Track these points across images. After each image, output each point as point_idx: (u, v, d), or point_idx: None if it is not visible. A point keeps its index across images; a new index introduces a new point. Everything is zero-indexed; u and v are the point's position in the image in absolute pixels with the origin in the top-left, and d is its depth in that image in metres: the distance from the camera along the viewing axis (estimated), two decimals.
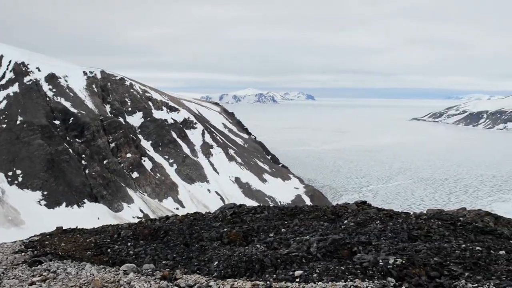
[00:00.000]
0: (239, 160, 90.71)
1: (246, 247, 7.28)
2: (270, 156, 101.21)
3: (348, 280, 5.51)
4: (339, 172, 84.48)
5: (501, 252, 6.89)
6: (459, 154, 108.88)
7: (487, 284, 5.24)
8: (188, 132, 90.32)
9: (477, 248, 6.93)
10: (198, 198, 73.19)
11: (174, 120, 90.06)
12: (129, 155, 74.54)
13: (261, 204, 13.47)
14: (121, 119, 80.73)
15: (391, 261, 6.04)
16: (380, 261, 6.07)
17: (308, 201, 70.97)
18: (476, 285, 5.19)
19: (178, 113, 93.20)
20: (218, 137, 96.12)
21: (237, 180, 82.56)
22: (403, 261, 6.00)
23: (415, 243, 7.35)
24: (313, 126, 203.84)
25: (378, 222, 8.88)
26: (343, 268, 5.97)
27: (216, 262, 6.48)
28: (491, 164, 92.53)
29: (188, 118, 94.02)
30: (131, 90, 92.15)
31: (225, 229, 8.46)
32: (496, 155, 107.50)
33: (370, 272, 5.87)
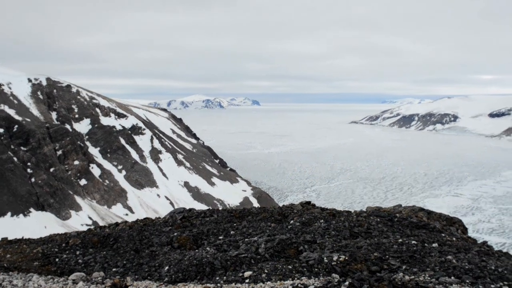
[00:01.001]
0: (187, 164, 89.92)
1: (196, 250, 7.24)
2: (218, 160, 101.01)
3: (295, 278, 5.64)
4: (284, 174, 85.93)
5: (434, 245, 7.36)
6: (394, 154, 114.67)
7: (423, 275, 5.58)
8: (136, 138, 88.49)
9: (413, 242, 7.36)
10: (147, 204, 71.50)
11: (123, 126, 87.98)
12: (76, 162, 71.59)
13: (210, 208, 13.42)
14: (68, 126, 77.55)
15: (335, 258, 6.25)
16: (325, 258, 6.27)
17: (255, 203, 71.61)
18: (413, 276, 5.46)
19: (126, 119, 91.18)
20: (166, 143, 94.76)
21: (186, 185, 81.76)
22: (346, 258, 6.23)
23: (356, 239, 7.66)
24: (259, 130, 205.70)
25: (322, 221, 9.15)
26: (290, 267, 6.10)
27: (167, 267, 6.40)
28: (422, 162, 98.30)
29: (137, 124, 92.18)
30: (78, 97, 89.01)
31: (175, 234, 8.36)
32: (427, 154, 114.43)
33: (316, 269, 6.04)
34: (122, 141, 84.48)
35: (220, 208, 12.09)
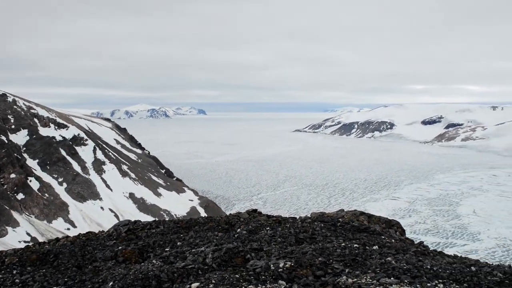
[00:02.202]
0: (132, 175, 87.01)
1: (142, 264, 7.03)
2: (164, 170, 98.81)
3: (243, 287, 5.65)
4: (231, 182, 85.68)
5: (374, 247, 7.68)
6: (336, 160, 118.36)
7: (365, 277, 5.80)
8: (78, 149, 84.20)
9: (355, 245, 7.63)
10: (91, 217, 68.12)
11: (63, 137, 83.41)
12: (13, 175, 66.73)
13: (157, 219, 13.09)
14: (3, 138, 72.21)
15: (281, 265, 6.32)
16: (271, 265, 6.32)
17: (203, 212, 70.71)
18: (355, 279, 5.65)
19: (67, 130, 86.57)
20: (110, 153, 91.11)
21: (132, 196, 78.99)
22: (292, 264, 6.32)
23: (302, 245, 7.82)
24: (205, 139, 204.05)
25: (268, 228, 9.25)
26: (237, 276, 6.09)
27: (111, 283, 6.14)
28: (363, 168, 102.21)
29: (78, 134, 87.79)
30: (14, 106, 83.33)
31: (120, 247, 8.06)
32: (367, 160, 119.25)
33: (263, 277, 6.07)
34: (63, 153, 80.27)
35: (167, 219, 11.83)
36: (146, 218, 62.15)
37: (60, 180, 74.66)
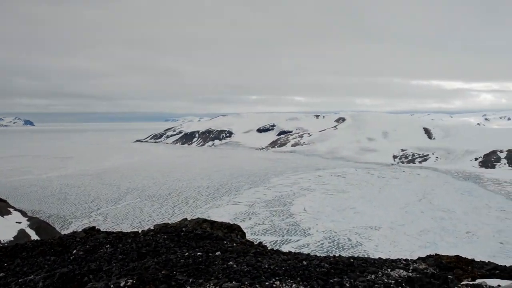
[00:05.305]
0: None
1: None
2: None
3: None
4: (66, 199, 77.61)
5: (217, 253, 7.85)
6: (179, 170, 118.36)
7: (208, 285, 5.88)
8: None
9: (198, 253, 7.69)
10: None
11: None
12: None
13: None
14: None
15: (122, 284, 5.98)
16: (112, 285, 5.95)
17: (34, 235, 62.09)
18: None
19: None
20: None
21: None
22: (134, 281, 6.04)
23: (144, 260, 7.54)
24: (34, 153, 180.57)
25: (108, 246, 8.71)
26: None
27: None
28: (205, 176, 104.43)
29: None
30: None
31: None
32: (208, 168, 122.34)
33: None
34: None
35: None
36: None
37: None
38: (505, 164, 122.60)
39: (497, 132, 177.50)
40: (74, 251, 8.50)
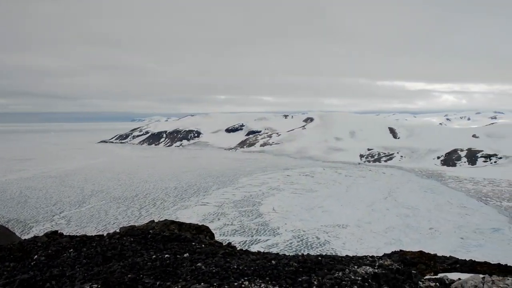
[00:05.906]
0: None
1: None
2: None
3: None
4: (26, 202, 74.71)
5: (185, 255, 7.76)
6: (145, 171, 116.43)
7: (176, 287, 5.79)
8: None
9: (166, 255, 7.57)
10: None
11: None
12: None
13: None
14: None
15: None
16: None
17: None
18: None
19: None
20: None
21: None
22: (99, 286, 5.89)
23: (109, 264, 7.35)
24: None
25: (72, 250, 8.46)
26: None
27: None
28: (172, 177, 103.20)
29: None
30: None
31: None
32: (176, 168, 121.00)
33: None
34: None
35: None
36: None
37: None
38: (465, 162, 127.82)
39: (458, 131, 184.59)
40: (36, 256, 8.21)
